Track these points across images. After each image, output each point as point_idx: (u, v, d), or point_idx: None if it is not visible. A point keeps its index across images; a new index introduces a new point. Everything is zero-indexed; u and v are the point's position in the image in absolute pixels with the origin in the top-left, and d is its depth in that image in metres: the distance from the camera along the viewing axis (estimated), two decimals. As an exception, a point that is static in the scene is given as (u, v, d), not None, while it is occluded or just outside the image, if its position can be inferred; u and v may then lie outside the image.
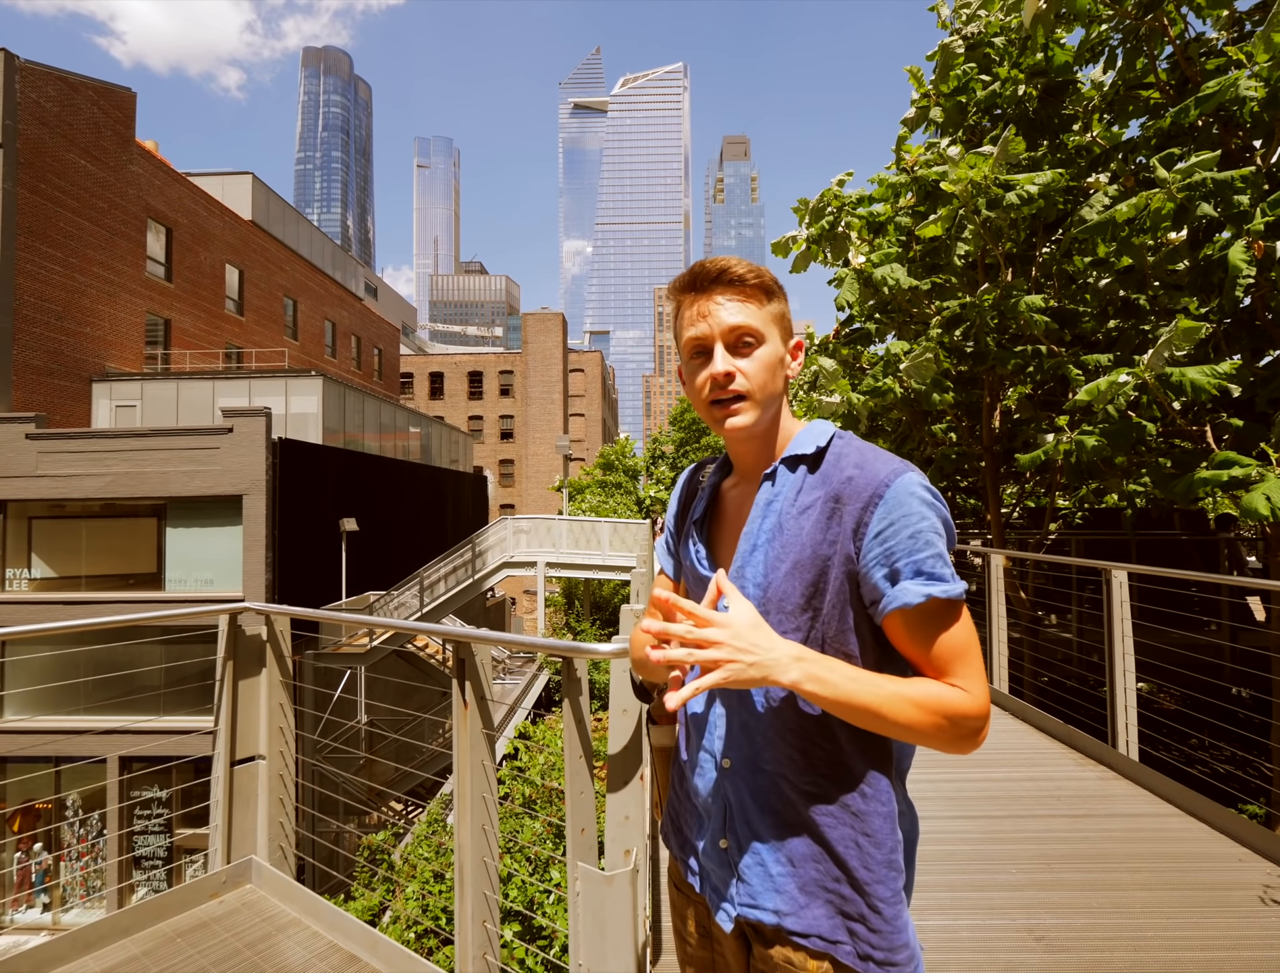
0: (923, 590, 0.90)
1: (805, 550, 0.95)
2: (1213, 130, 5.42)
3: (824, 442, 1.01)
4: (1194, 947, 2.33)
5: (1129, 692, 3.93)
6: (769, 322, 1.01)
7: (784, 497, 1.00)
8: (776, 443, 1.06)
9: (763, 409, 1.00)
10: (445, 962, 5.06)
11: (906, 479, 0.93)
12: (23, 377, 14.16)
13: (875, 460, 0.96)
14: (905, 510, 0.91)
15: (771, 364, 1.00)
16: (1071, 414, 5.97)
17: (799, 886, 0.95)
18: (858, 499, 0.93)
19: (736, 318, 0.99)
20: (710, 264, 1.00)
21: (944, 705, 0.88)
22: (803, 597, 0.96)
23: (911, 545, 0.90)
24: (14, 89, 13.96)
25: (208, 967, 2.21)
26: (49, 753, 12.79)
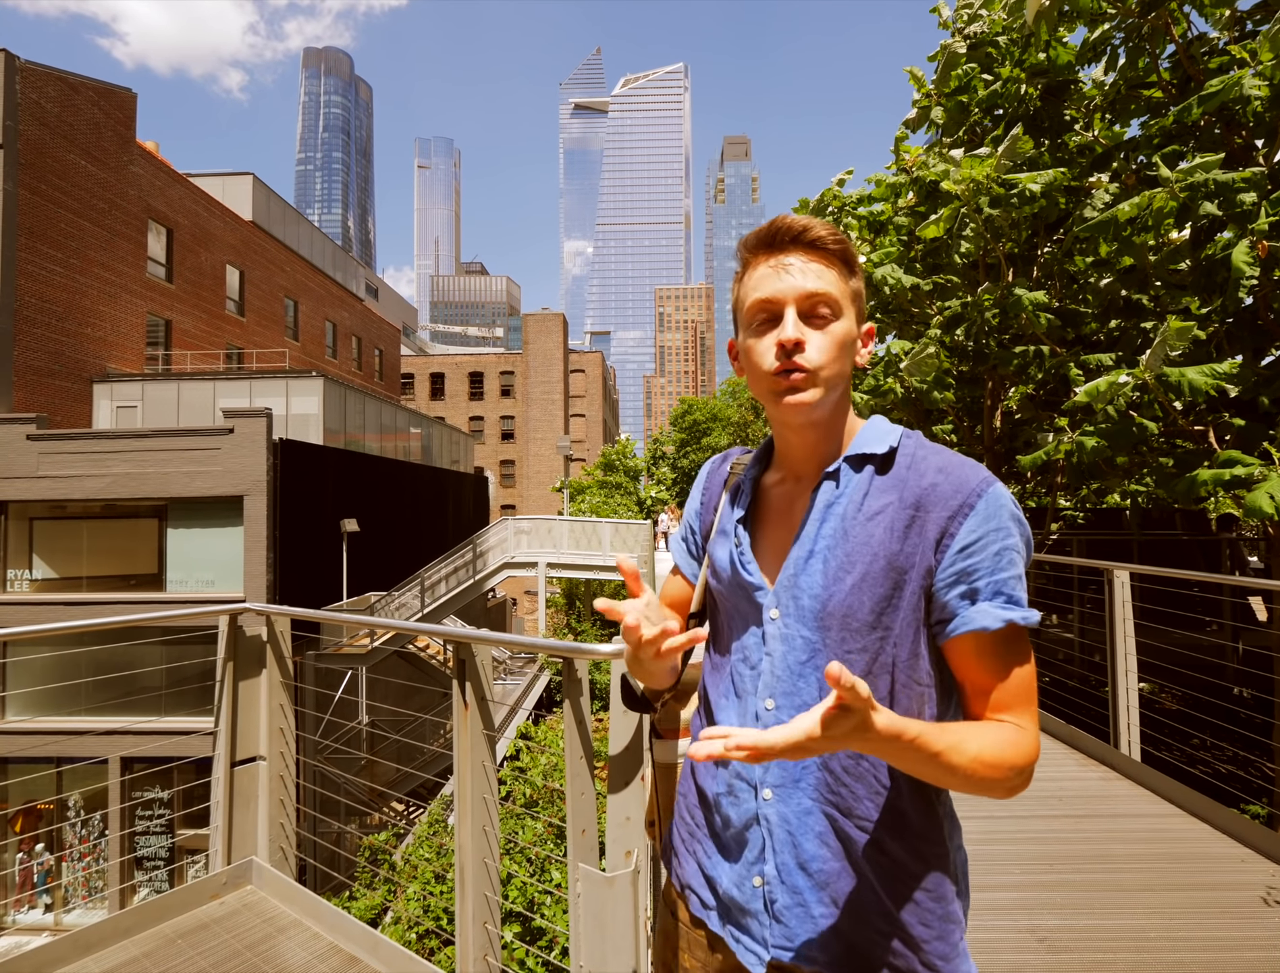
0: (1003, 614, 0.82)
1: (878, 560, 0.85)
2: (1215, 130, 5.41)
3: (895, 441, 0.91)
4: (1196, 948, 2.32)
5: (1131, 692, 3.92)
6: (848, 296, 0.91)
7: (848, 499, 0.90)
8: (834, 437, 0.94)
9: (828, 391, 0.89)
10: (446, 963, 5.06)
11: (998, 490, 0.85)
12: (24, 377, 14.18)
13: (961, 466, 0.87)
14: (996, 524, 0.83)
15: (845, 343, 0.90)
16: (1072, 414, 5.97)
17: (843, 932, 0.86)
18: (944, 507, 0.84)
19: (816, 283, 0.88)
20: (791, 221, 0.89)
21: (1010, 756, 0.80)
22: (872, 612, 0.86)
23: (996, 563, 0.82)
24: (14, 90, 13.98)
25: (208, 968, 2.21)
26: (51, 754, 12.80)
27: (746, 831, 0.93)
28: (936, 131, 7.70)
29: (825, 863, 0.87)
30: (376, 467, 18.50)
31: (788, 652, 0.90)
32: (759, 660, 0.94)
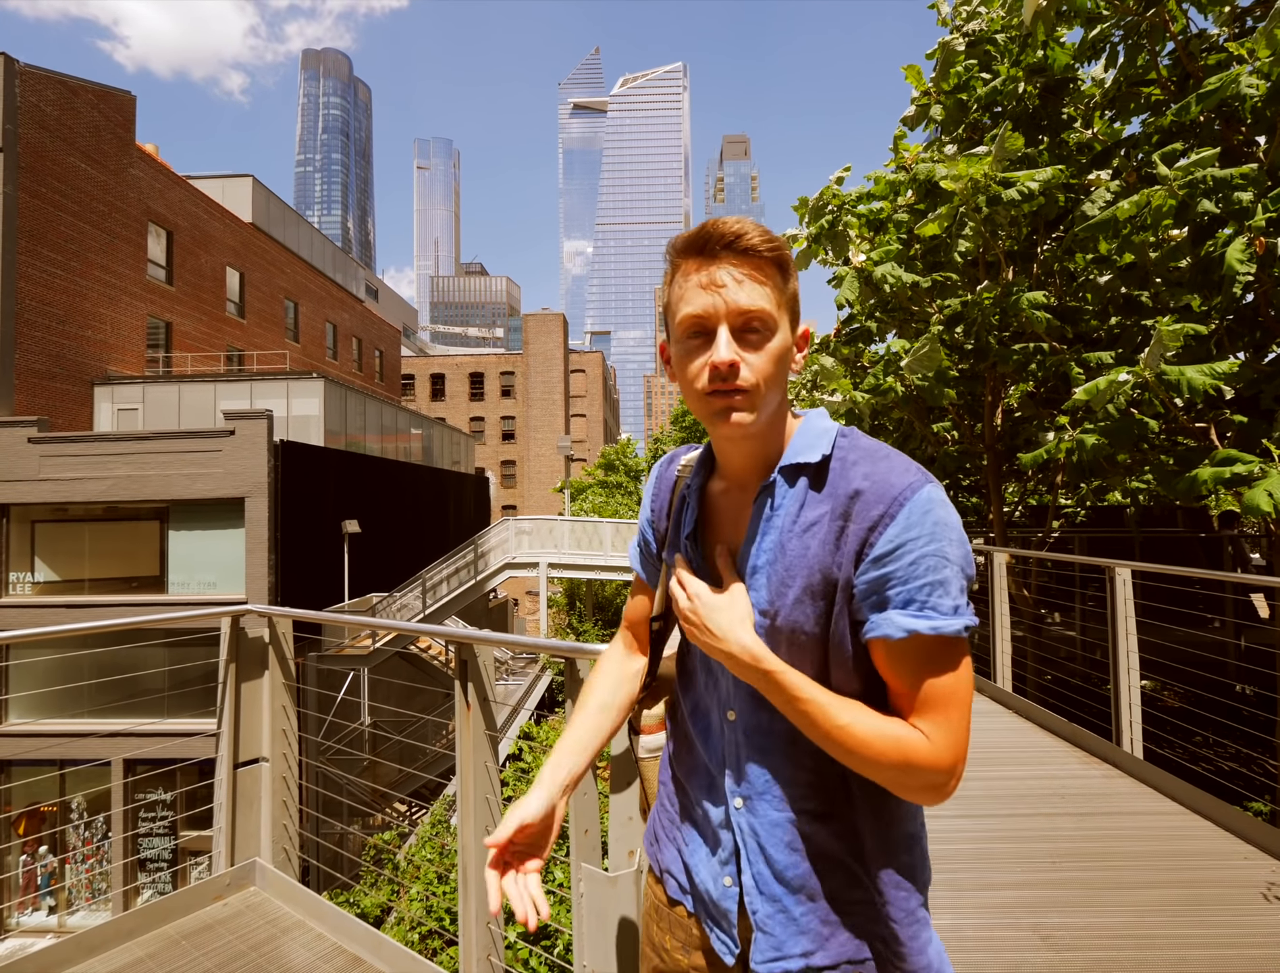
0: (907, 624, 0.79)
1: (815, 574, 0.84)
2: (1214, 126, 5.41)
3: (828, 447, 0.88)
4: (1200, 945, 2.32)
5: (1133, 689, 3.92)
6: (783, 306, 0.86)
7: (785, 512, 0.88)
8: (772, 444, 0.92)
9: (765, 407, 0.86)
10: (449, 963, 5.06)
11: (924, 495, 0.81)
12: (25, 380, 14.19)
13: (888, 473, 0.83)
14: (916, 532, 0.80)
15: (781, 357, 0.86)
16: (1073, 412, 5.96)
17: (822, 918, 0.88)
18: (865, 518, 0.82)
19: (750, 299, 0.83)
20: (722, 226, 0.83)
21: (896, 749, 0.79)
22: (817, 625, 0.85)
23: (910, 572, 0.80)
24: (14, 93, 13.99)
25: (212, 969, 2.21)
26: (54, 756, 12.82)
27: (720, 830, 0.95)
28: (936, 129, 7.70)
29: (798, 867, 0.89)
30: (377, 468, 18.51)
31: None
32: (720, 671, 0.95)
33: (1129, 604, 4.00)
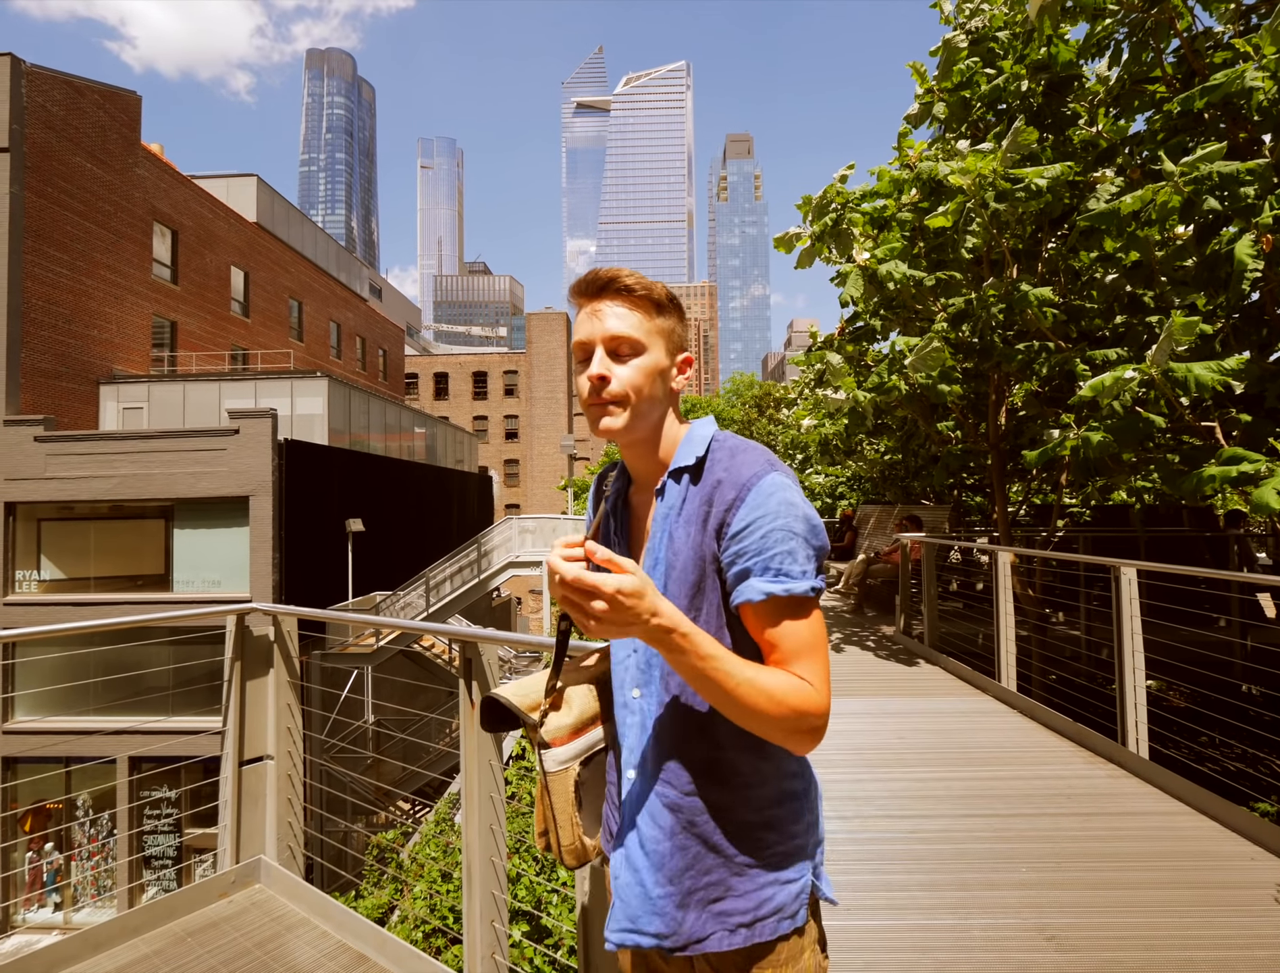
0: (765, 588, 0.93)
1: (686, 553, 1.00)
2: (1220, 123, 5.37)
3: (702, 451, 1.04)
4: (1206, 946, 2.31)
5: (1138, 689, 3.90)
6: (653, 333, 1.04)
7: (672, 508, 1.04)
8: (662, 451, 1.08)
9: (637, 415, 1.03)
10: (454, 961, 5.06)
11: (768, 481, 0.97)
12: (31, 379, 14.26)
13: (741, 464, 0.99)
14: (762, 511, 0.95)
15: (650, 372, 1.03)
16: (1078, 410, 5.94)
17: (677, 902, 0.98)
18: (723, 501, 0.97)
19: (617, 326, 1.02)
20: (603, 273, 1.04)
21: (791, 697, 0.89)
22: (686, 597, 0.99)
23: (762, 544, 0.94)
24: (20, 93, 14.05)
25: (217, 966, 2.22)
26: (59, 754, 12.88)
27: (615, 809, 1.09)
28: (939, 127, 7.66)
29: (659, 844, 0.99)
30: (381, 467, 18.55)
31: (647, 647, 1.04)
32: (627, 657, 1.09)
33: (1134, 604, 3.99)
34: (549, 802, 1.14)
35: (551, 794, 1.14)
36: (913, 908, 2.56)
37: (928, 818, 3.30)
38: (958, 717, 4.90)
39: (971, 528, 12.48)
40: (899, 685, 5.79)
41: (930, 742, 4.38)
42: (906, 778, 3.79)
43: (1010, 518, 8.66)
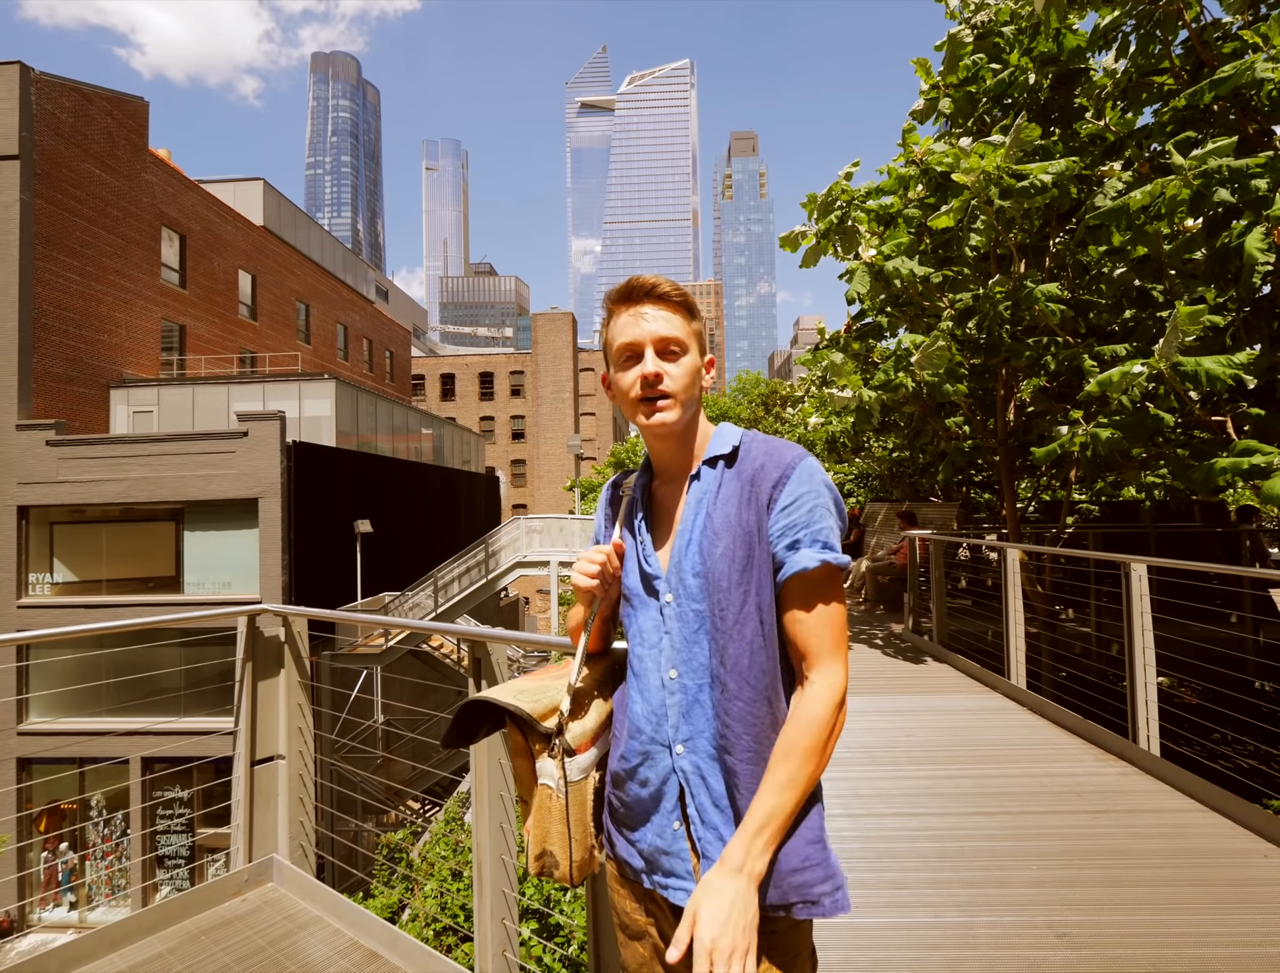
0: (818, 556, 1.03)
1: (733, 530, 1.07)
2: (1229, 115, 5.33)
3: (737, 441, 1.15)
4: (1219, 943, 2.30)
5: (1149, 686, 3.88)
6: (690, 336, 1.14)
7: (708, 492, 1.12)
8: (694, 444, 1.17)
9: (684, 409, 1.12)
10: (464, 959, 5.09)
11: (809, 463, 1.09)
12: (42, 384, 14.40)
13: (780, 448, 1.11)
14: (808, 487, 1.06)
15: (692, 371, 1.14)
16: (1087, 406, 5.90)
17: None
18: (768, 480, 1.07)
19: (666, 328, 1.11)
20: (644, 280, 1.13)
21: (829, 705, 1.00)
22: (739, 572, 1.06)
23: (810, 517, 1.05)
24: (30, 101, 14.18)
25: (231, 964, 2.24)
26: (73, 754, 13.02)
27: (664, 785, 1.09)
28: (945, 122, 7.62)
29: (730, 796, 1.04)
30: (389, 468, 18.62)
31: (682, 627, 1.09)
32: (659, 639, 1.12)
33: (1145, 600, 3.96)
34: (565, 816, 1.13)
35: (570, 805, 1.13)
36: (921, 906, 2.56)
37: (937, 816, 3.29)
38: (967, 714, 4.88)
39: (980, 525, 12.42)
40: (908, 683, 5.77)
41: (939, 739, 4.36)
42: (915, 775, 3.78)
43: (1019, 515, 8.61)
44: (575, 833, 1.14)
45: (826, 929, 2.37)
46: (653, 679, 1.12)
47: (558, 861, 1.14)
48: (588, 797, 1.17)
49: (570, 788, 1.14)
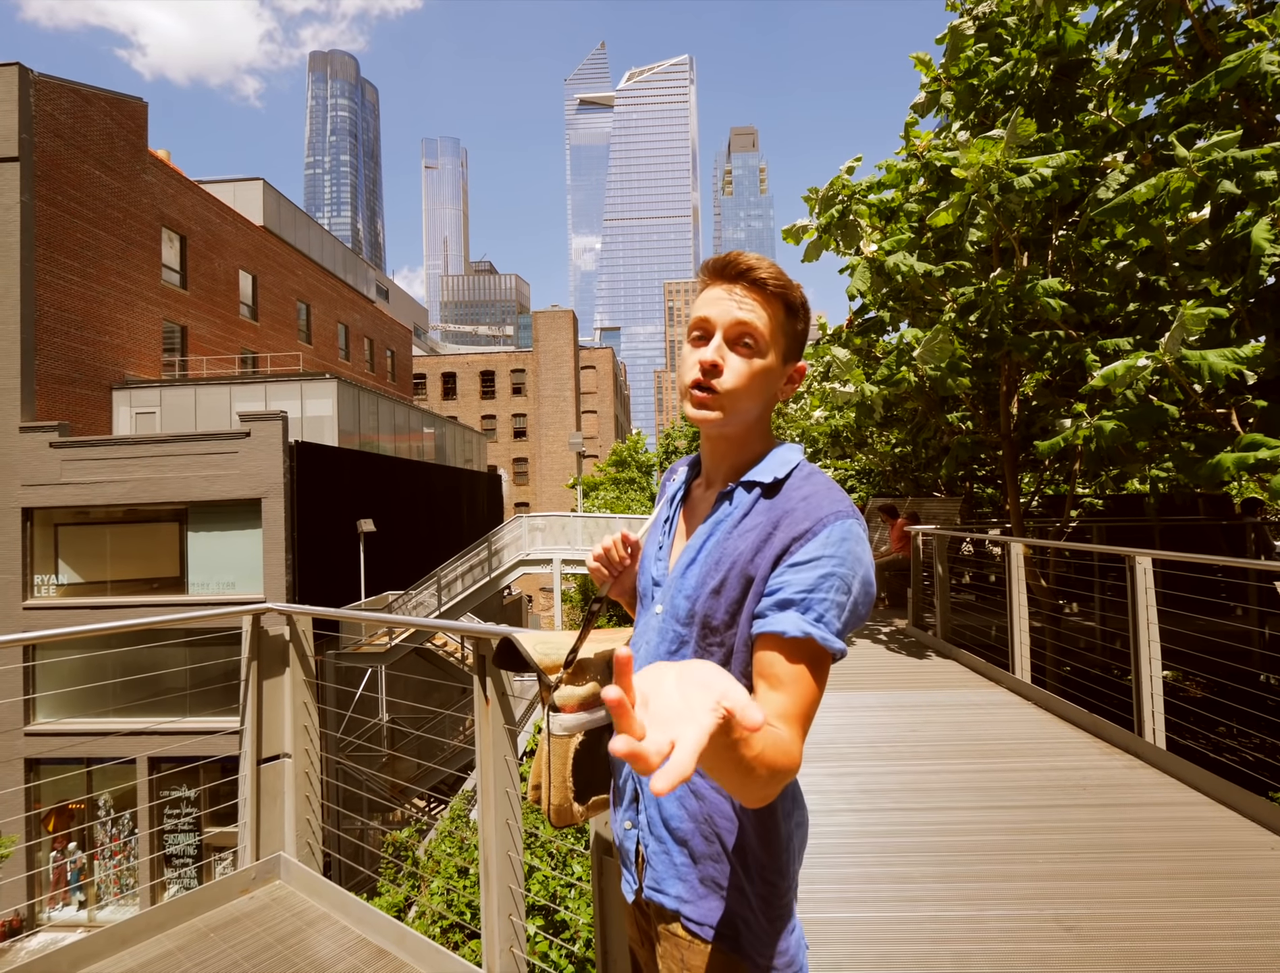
0: (805, 628, 0.87)
1: (734, 569, 0.95)
2: (1233, 106, 5.30)
3: (783, 473, 0.99)
4: (1226, 936, 2.30)
5: (1155, 680, 3.87)
6: (775, 334, 1.00)
7: (731, 516, 1.00)
8: (743, 455, 1.04)
9: (732, 413, 0.99)
10: (471, 956, 5.11)
11: (848, 525, 0.92)
12: (45, 386, 14.42)
13: (823, 499, 0.94)
14: (831, 552, 0.90)
15: (759, 374, 0.99)
16: (1090, 399, 5.88)
17: (699, 878, 0.98)
18: (793, 528, 0.92)
19: (746, 316, 0.98)
20: (743, 258, 0.99)
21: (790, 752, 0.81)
22: (728, 613, 0.96)
23: (818, 583, 0.89)
24: (29, 103, 14.18)
25: (240, 961, 2.25)
26: (80, 754, 13.07)
27: (625, 782, 1.09)
28: (946, 116, 7.59)
29: (682, 822, 0.99)
30: (391, 467, 18.64)
31: (660, 642, 1.03)
32: (646, 645, 1.08)
33: (1150, 593, 3.95)
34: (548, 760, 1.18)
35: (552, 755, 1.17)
36: (928, 900, 2.56)
37: (942, 810, 3.29)
38: (971, 709, 4.88)
39: (983, 520, 12.41)
40: (911, 678, 5.77)
41: (944, 734, 4.36)
42: (920, 770, 3.78)
43: (1022, 509, 8.60)
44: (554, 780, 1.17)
45: (832, 925, 2.38)
46: None
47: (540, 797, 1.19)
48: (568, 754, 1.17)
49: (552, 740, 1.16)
